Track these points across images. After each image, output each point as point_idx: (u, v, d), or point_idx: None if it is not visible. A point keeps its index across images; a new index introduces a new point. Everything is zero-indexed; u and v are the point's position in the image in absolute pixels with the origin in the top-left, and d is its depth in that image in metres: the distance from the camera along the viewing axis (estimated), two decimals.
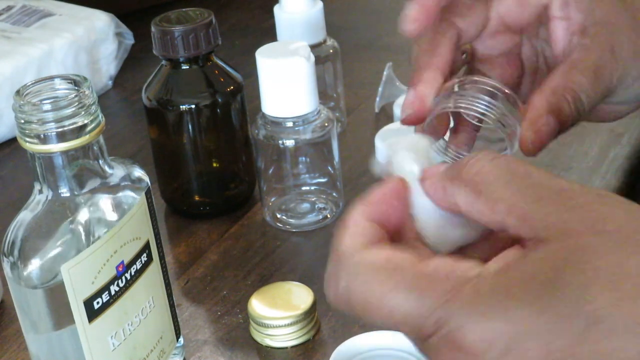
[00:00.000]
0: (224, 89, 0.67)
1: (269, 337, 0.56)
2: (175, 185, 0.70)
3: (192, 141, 0.67)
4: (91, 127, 0.45)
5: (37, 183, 0.46)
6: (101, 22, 0.92)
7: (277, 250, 0.65)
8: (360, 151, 0.76)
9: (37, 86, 0.46)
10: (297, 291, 0.57)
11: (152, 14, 0.69)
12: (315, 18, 0.75)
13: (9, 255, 0.46)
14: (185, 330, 0.58)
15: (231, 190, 0.71)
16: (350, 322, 0.57)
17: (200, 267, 0.64)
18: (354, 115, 0.82)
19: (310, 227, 0.67)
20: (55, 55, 0.87)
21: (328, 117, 0.65)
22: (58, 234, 0.46)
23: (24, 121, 0.44)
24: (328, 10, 0.76)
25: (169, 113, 0.66)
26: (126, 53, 0.95)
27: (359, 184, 0.72)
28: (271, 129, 0.65)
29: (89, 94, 0.45)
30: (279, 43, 0.67)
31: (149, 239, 0.50)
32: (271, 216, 0.68)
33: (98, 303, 0.46)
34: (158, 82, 0.67)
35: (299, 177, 0.68)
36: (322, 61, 0.76)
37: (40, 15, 0.91)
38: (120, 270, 0.47)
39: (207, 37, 0.65)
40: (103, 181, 0.47)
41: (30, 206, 0.47)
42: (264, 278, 0.62)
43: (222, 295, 0.61)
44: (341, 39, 0.79)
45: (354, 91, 0.86)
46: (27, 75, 0.84)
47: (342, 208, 0.68)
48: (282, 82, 0.63)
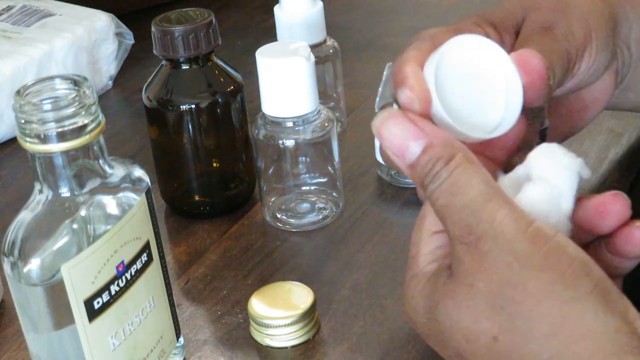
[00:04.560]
0: (224, 89, 0.67)
1: (269, 337, 0.56)
2: (175, 185, 0.70)
3: (192, 141, 0.67)
4: (91, 127, 0.45)
5: (37, 183, 0.46)
6: (101, 22, 0.92)
7: (277, 250, 0.65)
8: (360, 151, 0.76)
9: (38, 86, 0.46)
10: (297, 291, 0.57)
11: (152, 14, 0.69)
12: (315, 18, 0.75)
13: (9, 255, 0.46)
14: (185, 330, 0.58)
15: (231, 190, 0.71)
16: (350, 322, 0.57)
17: (200, 267, 0.64)
18: (354, 115, 0.83)
19: (310, 227, 0.67)
20: (55, 55, 0.87)
21: (328, 117, 0.65)
22: (58, 234, 0.46)
23: (24, 121, 0.44)
24: (328, 10, 0.77)
25: (169, 113, 0.67)
26: (126, 53, 0.95)
27: (359, 184, 0.72)
28: (271, 129, 0.65)
29: (89, 94, 0.45)
30: (279, 43, 0.67)
31: (149, 239, 0.50)
32: (271, 216, 0.68)
33: (98, 303, 0.46)
34: (158, 82, 0.67)
35: (299, 177, 0.68)
36: (322, 61, 0.76)
37: (41, 16, 0.91)
38: (120, 270, 0.47)
39: (207, 37, 0.65)
40: (103, 181, 0.47)
41: (31, 206, 0.47)
42: (264, 278, 0.62)
43: (222, 295, 0.61)
44: (341, 39, 0.79)
45: (354, 91, 0.86)
46: (27, 76, 0.84)
47: (342, 208, 0.68)
48: (282, 82, 0.63)
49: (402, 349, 0.54)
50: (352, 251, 0.64)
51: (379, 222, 0.67)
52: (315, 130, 0.65)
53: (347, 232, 0.66)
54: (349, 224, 0.67)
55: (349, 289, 0.60)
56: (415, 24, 1.01)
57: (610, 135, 0.75)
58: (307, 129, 0.65)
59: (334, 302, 0.59)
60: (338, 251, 0.65)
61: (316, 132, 0.65)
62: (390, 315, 0.57)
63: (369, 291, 0.60)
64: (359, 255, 0.64)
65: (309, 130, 0.65)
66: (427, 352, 0.54)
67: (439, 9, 1.05)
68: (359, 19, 1.06)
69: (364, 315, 0.58)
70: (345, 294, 0.60)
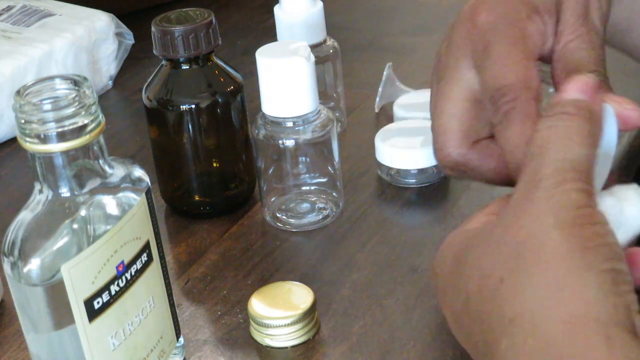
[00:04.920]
0: (224, 89, 0.67)
1: (269, 337, 0.56)
2: (175, 185, 0.70)
3: (192, 141, 0.67)
4: (91, 127, 0.45)
5: (37, 183, 0.46)
6: (101, 22, 0.92)
7: (277, 250, 0.65)
8: (360, 151, 0.76)
9: (38, 86, 0.46)
10: (297, 291, 0.57)
11: (152, 14, 0.69)
12: (315, 18, 0.75)
13: (9, 255, 0.46)
14: (185, 330, 0.58)
15: (231, 190, 0.71)
16: (350, 322, 0.57)
17: (200, 267, 0.64)
18: (354, 115, 0.83)
19: (310, 227, 0.67)
20: (55, 55, 0.87)
21: (328, 117, 0.65)
22: (58, 234, 0.46)
23: (24, 121, 0.44)
24: (328, 10, 0.77)
25: (169, 113, 0.67)
26: (126, 53, 0.95)
27: (359, 184, 0.72)
28: (271, 129, 0.65)
29: (89, 94, 0.45)
30: (279, 43, 0.67)
31: (149, 239, 0.50)
32: (271, 216, 0.68)
33: (98, 303, 0.46)
34: (158, 82, 0.67)
35: (299, 177, 0.68)
36: (322, 61, 0.76)
37: (41, 16, 0.91)
38: (120, 270, 0.47)
39: (207, 37, 0.65)
40: (103, 181, 0.47)
41: (31, 206, 0.47)
42: (264, 278, 0.62)
43: (222, 295, 0.61)
44: (341, 39, 0.79)
45: (354, 91, 0.86)
46: (27, 76, 0.84)
47: (342, 208, 0.68)
48: (282, 82, 0.63)
49: (402, 349, 0.54)
50: (352, 251, 0.64)
51: (379, 222, 0.67)
52: (315, 130, 0.65)
53: (347, 232, 0.66)
54: (349, 224, 0.67)
55: (349, 289, 0.60)
56: (415, 23, 1.01)
57: None
58: (307, 129, 0.65)
59: (334, 302, 0.59)
60: (338, 251, 0.65)
61: (316, 132, 0.65)
62: (390, 315, 0.57)
63: (369, 291, 0.60)
64: (359, 255, 0.64)
65: (309, 130, 0.65)
66: (427, 352, 0.54)
67: (439, 9, 1.05)
68: (359, 19, 1.06)
69: (364, 315, 0.58)
70: (345, 294, 0.60)
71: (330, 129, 0.65)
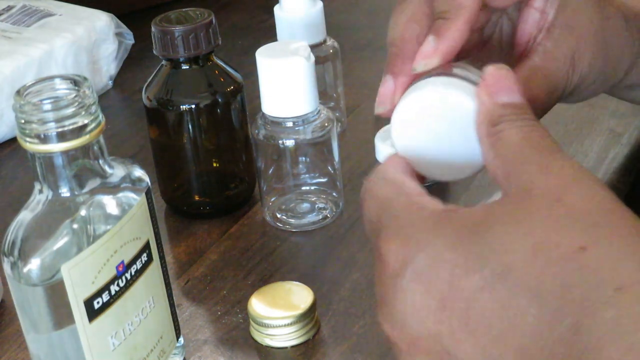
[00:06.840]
0: (224, 89, 0.67)
1: (269, 337, 0.56)
2: (175, 185, 0.70)
3: (192, 141, 0.67)
4: (91, 127, 0.45)
5: (37, 183, 0.46)
6: (101, 22, 0.92)
7: (277, 250, 0.65)
8: (360, 151, 0.76)
9: (38, 86, 0.46)
10: (297, 291, 0.57)
11: (152, 14, 0.69)
12: (315, 18, 0.75)
13: (9, 255, 0.46)
14: (185, 330, 0.58)
15: (231, 190, 0.71)
16: (350, 322, 0.57)
17: (200, 267, 0.64)
18: (354, 115, 0.83)
19: (310, 227, 0.67)
20: (55, 55, 0.87)
21: (328, 117, 0.65)
22: (58, 234, 0.46)
23: (24, 121, 0.44)
24: (328, 10, 0.77)
25: (169, 113, 0.67)
26: (126, 53, 0.95)
27: (359, 184, 0.72)
28: (271, 129, 0.65)
29: (89, 94, 0.45)
30: (279, 43, 0.67)
31: (149, 239, 0.50)
32: (271, 216, 0.68)
33: (98, 303, 0.46)
34: (158, 82, 0.67)
35: (299, 177, 0.68)
36: (322, 61, 0.76)
37: (41, 15, 0.91)
38: (120, 270, 0.47)
39: (207, 37, 0.65)
40: (103, 181, 0.47)
41: (31, 206, 0.47)
42: (264, 278, 0.62)
43: (222, 295, 0.61)
44: (341, 39, 0.79)
45: (354, 91, 0.86)
46: (27, 75, 0.84)
47: (342, 208, 0.68)
48: (282, 82, 0.63)
49: None
50: (352, 251, 0.64)
51: None
52: (315, 130, 0.65)
53: (347, 232, 0.66)
54: (349, 224, 0.67)
55: (349, 289, 0.60)
56: None
57: (610, 135, 0.75)
58: (307, 129, 0.65)
59: (334, 302, 0.59)
60: (338, 251, 0.65)
61: (316, 132, 0.65)
62: None
63: (369, 291, 0.60)
64: (359, 255, 0.64)
65: (309, 130, 0.65)
66: None
67: None
68: (359, 19, 1.06)
69: (364, 315, 0.58)
70: (345, 294, 0.60)
71: (330, 129, 0.65)
